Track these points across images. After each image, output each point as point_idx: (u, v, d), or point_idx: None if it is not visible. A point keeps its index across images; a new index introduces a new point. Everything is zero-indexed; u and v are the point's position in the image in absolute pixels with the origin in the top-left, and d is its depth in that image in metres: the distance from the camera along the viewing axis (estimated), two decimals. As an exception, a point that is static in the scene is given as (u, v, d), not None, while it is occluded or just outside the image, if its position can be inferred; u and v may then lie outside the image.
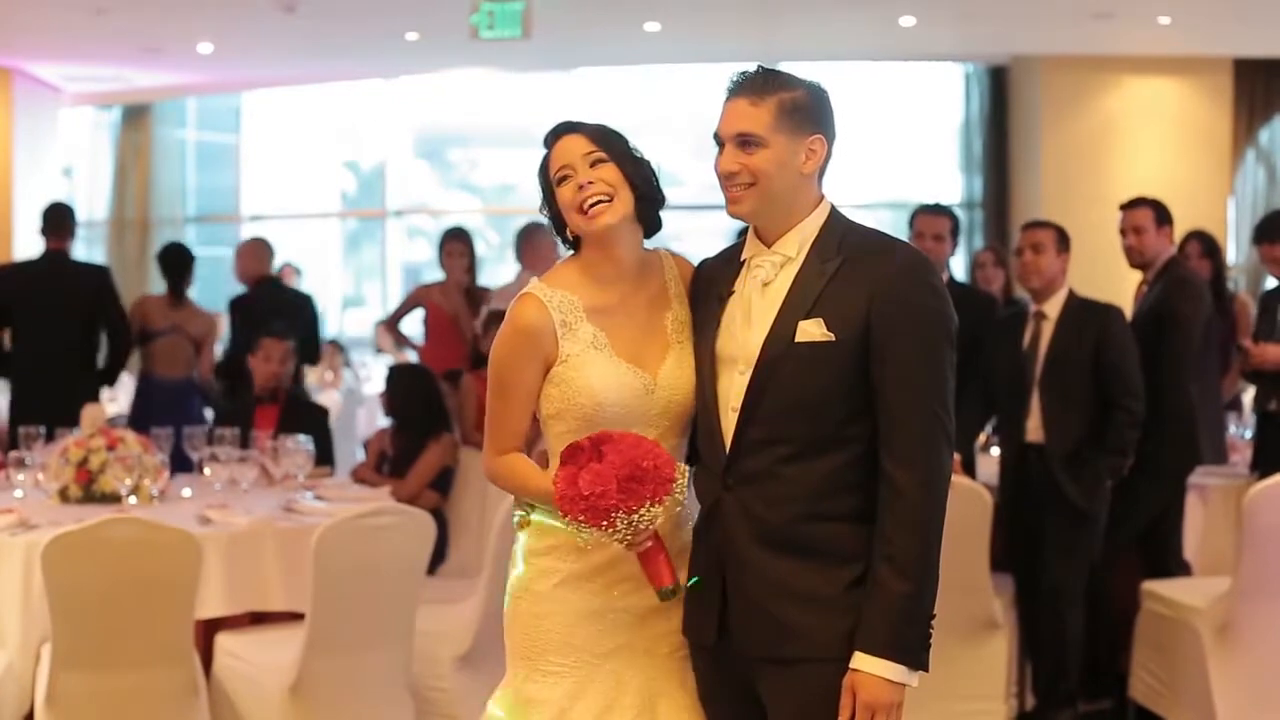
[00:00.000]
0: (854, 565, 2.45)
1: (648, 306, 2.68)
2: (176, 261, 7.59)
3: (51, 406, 6.12)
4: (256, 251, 7.87)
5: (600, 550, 2.61)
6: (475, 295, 7.19)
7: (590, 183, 2.60)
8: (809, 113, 2.51)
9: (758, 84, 2.51)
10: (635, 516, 2.43)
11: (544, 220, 2.73)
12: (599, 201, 2.60)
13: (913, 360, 2.42)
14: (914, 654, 2.42)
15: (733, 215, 2.56)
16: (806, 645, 2.46)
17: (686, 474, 2.52)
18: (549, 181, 2.66)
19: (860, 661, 2.41)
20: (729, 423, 2.52)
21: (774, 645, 2.49)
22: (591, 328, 2.63)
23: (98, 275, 7.17)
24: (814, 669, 2.46)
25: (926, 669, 2.45)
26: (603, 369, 2.61)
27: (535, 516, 2.70)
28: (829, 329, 2.44)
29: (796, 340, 2.46)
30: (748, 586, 2.50)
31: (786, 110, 2.49)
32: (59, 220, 7.06)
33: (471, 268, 7.29)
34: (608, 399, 2.59)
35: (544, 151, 2.69)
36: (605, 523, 2.43)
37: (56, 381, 6.73)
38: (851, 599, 2.44)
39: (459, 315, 7.15)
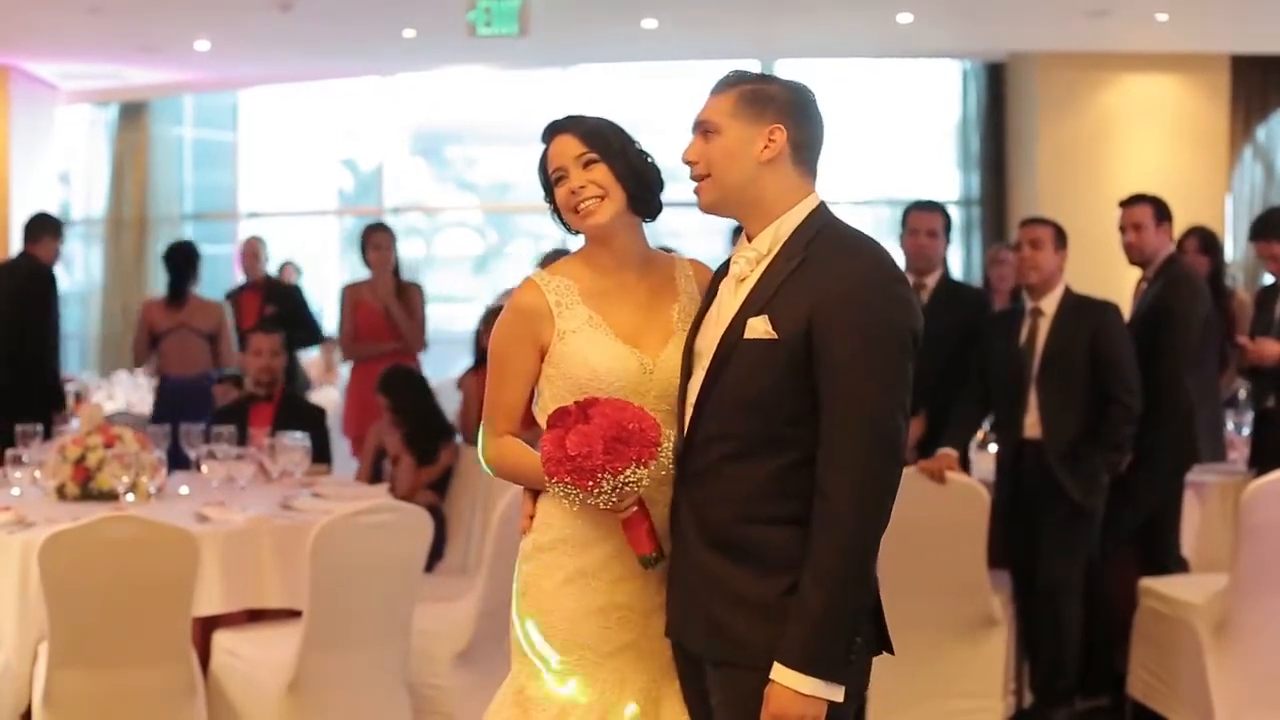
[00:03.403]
0: (791, 573, 2.37)
1: (651, 295, 2.72)
2: (178, 260, 7.61)
3: None
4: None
5: (602, 544, 2.62)
6: (405, 289, 7.12)
7: (582, 186, 2.66)
8: (772, 102, 2.48)
9: (729, 79, 2.53)
10: (620, 478, 2.44)
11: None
12: (590, 200, 2.66)
13: (851, 364, 2.35)
14: (829, 667, 2.32)
15: (701, 210, 2.57)
16: (738, 649, 2.42)
17: (672, 439, 2.53)
18: (545, 182, 2.74)
19: (775, 672, 2.34)
20: (688, 419, 2.53)
21: (709, 645, 2.47)
22: (587, 310, 2.67)
23: (28, 276, 7.15)
24: (744, 674, 2.40)
25: (844, 683, 2.35)
26: (599, 344, 2.64)
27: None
28: (774, 327, 2.40)
29: (745, 337, 2.43)
30: (691, 584, 2.49)
31: (747, 98, 2.48)
32: (31, 226, 7.22)
33: (396, 261, 7.17)
34: (603, 370, 2.61)
35: (542, 147, 2.74)
36: (591, 483, 2.44)
37: None
38: (786, 607, 2.36)
39: (389, 308, 7.04)
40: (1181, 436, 5.37)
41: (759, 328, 2.42)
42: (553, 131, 2.72)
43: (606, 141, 2.68)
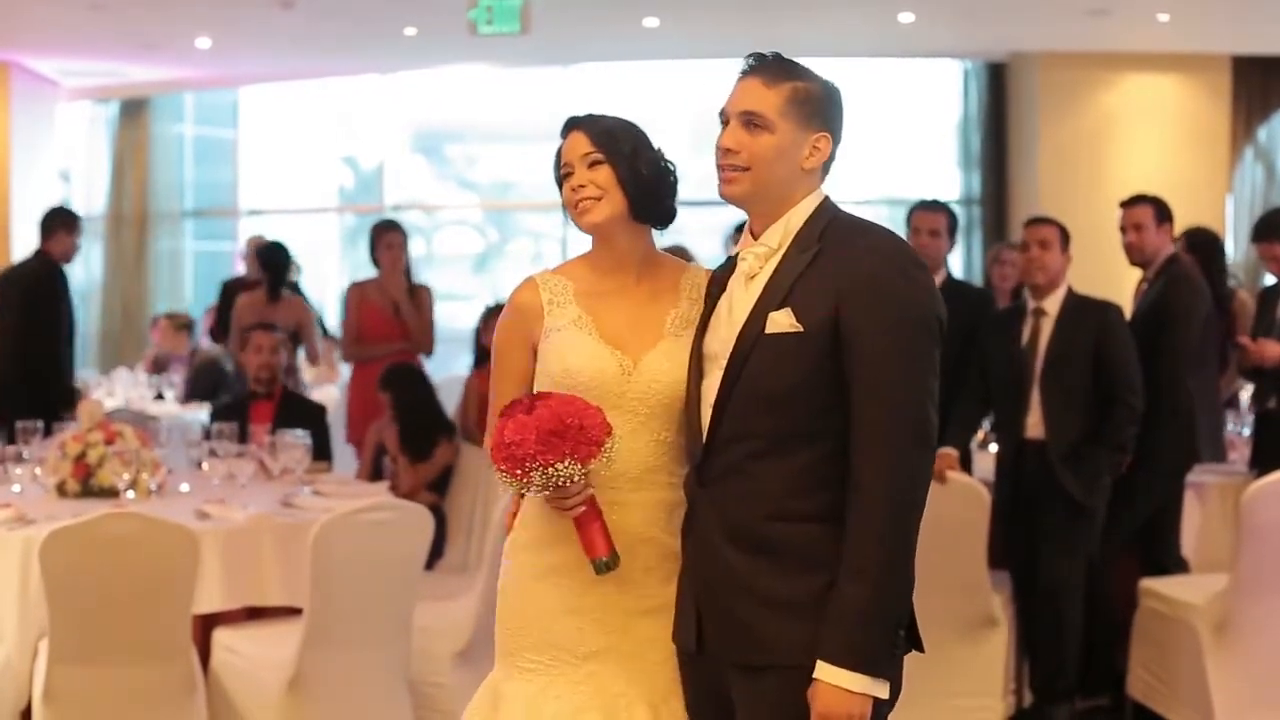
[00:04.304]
0: (824, 570, 2.33)
1: (648, 299, 2.71)
2: (277, 259, 7.66)
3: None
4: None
5: (575, 545, 2.58)
6: (415, 291, 7.00)
7: (582, 185, 2.67)
8: (819, 107, 2.45)
9: (774, 67, 2.46)
10: (551, 470, 2.45)
11: None
12: (587, 200, 2.66)
13: (881, 351, 2.32)
14: (875, 662, 2.28)
15: (724, 197, 2.52)
16: (775, 652, 2.36)
17: (618, 439, 2.51)
18: (558, 177, 2.74)
19: (820, 670, 2.29)
20: (707, 419, 2.48)
21: (743, 651, 2.41)
22: (578, 309, 2.68)
23: (37, 277, 7.14)
24: (783, 677, 2.34)
25: (889, 678, 2.31)
26: (579, 344, 2.64)
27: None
28: (797, 320, 2.37)
29: (766, 331, 2.39)
30: (718, 588, 2.43)
31: (799, 99, 2.44)
32: (43, 221, 7.21)
33: (407, 261, 7.05)
34: (575, 369, 2.61)
35: (559, 142, 2.75)
36: (520, 472, 2.46)
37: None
38: (820, 605, 2.32)
39: (401, 307, 6.93)
40: (1182, 437, 5.37)
41: (782, 321, 2.38)
42: (568, 127, 2.72)
43: (615, 143, 2.67)
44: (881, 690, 2.30)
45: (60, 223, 7.18)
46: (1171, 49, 10.98)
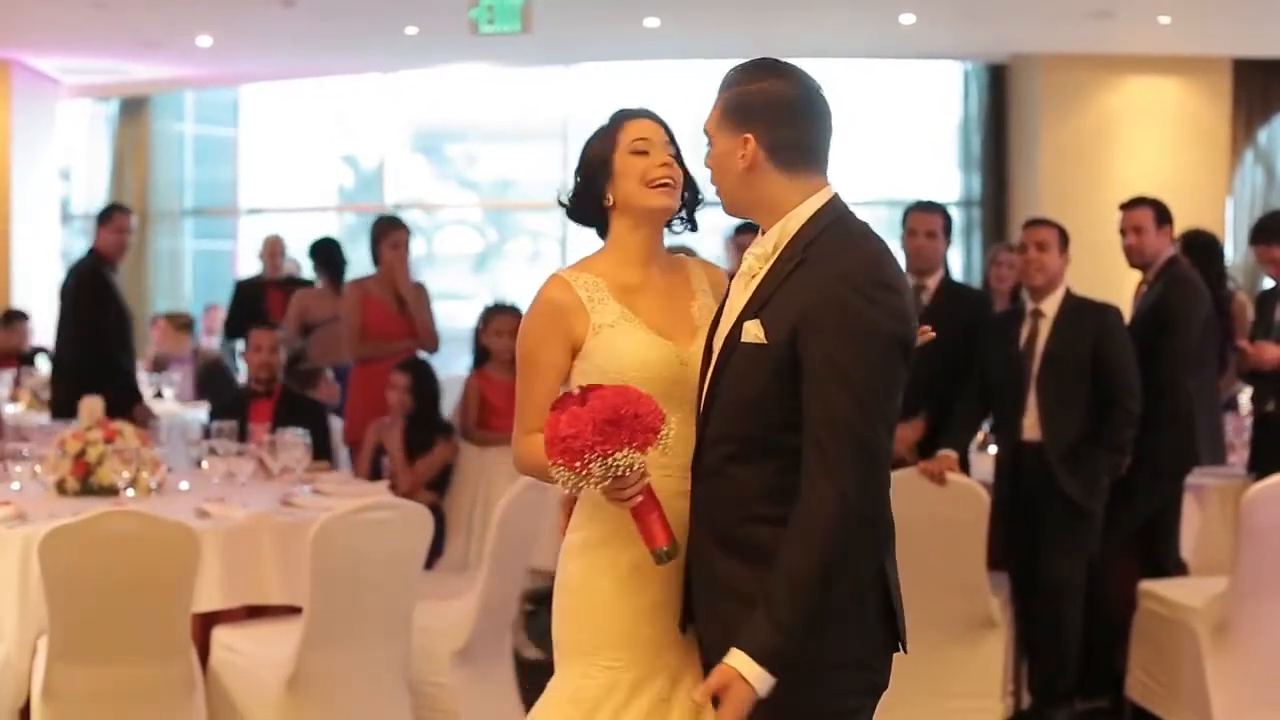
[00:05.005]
0: None
1: (671, 292, 2.75)
2: (334, 255, 7.74)
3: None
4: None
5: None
6: (415, 290, 6.96)
7: (668, 163, 2.71)
8: (748, 109, 2.44)
9: (723, 81, 2.52)
10: (610, 460, 2.42)
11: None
12: (667, 183, 2.70)
13: (832, 371, 2.30)
14: (774, 664, 2.29)
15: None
16: None
17: (672, 426, 2.50)
18: (606, 151, 2.73)
19: (731, 655, 2.30)
20: (700, 416, 2.54)
21: (718, 643, 2.44)
22: (618, 305, 2.69)
23: (79, 281, 7.15)
24: None
25: (778, 683, 2.30)
26: (636, 337, 2.66)
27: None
28: (765, 332, 2.38)
29: (741, 339, 2.42)
30: (700, 582, 2.51)
31: (729, 108, 2.47)
32: (97, 219, 7.32)
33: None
34: (641, 361, 2.63)
35: (610, 125, 2.76)
36: (579, 464, 2.43)
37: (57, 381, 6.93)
38: None
39: (410, 302, 6.85)
40: (1181, 439, 5.37)
41: (752, 331, 2.40)
42: (638, 114, 2.76)
43: (679, 148, 2.76)
44: (766, 690, 2.29)
45: (103, 218, 7.22)
46: (1172, 51, 10.98)
